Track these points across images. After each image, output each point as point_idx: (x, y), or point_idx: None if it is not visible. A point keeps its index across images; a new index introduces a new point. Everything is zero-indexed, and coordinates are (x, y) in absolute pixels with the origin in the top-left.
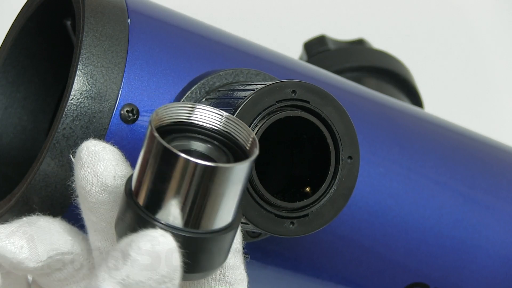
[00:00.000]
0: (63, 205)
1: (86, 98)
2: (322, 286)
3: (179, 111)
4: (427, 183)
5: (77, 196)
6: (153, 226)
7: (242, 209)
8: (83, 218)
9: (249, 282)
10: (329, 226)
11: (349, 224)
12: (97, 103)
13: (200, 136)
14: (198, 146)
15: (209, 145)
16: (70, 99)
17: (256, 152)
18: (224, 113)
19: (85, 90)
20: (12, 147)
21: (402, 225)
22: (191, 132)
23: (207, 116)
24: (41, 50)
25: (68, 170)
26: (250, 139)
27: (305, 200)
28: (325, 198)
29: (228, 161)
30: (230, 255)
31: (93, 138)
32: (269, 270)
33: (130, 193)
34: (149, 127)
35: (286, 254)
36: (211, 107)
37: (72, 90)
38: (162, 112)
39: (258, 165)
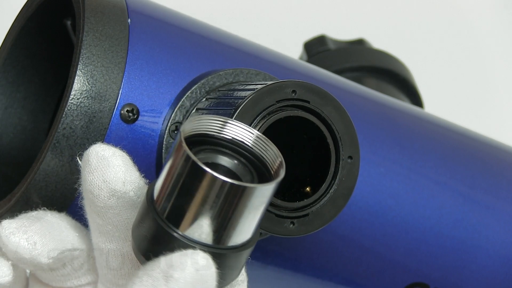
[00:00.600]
0: (63, 205)
1: (86, 98)
2: (322, 286)
3: (211, 124)
4: (427, 183)
5: (83, 199)
6: (193, 248)
7: None
8: (87, 219)
9: (249, 282)
10: (329, 226)
11: (349, 224)
12: (97, 103)
13: (227, 151)
14: (224, 161)
15: (235, 161)
16: (70, 99)
17: (283, 174)
18: (255, 131)
19: (85, 90)
20: (12, 147)
21: (402, 225)
22: (219, 146)
23: (238, 132)
24: (41, 50)
25: (68, 170)
26: (278, 161)
27: (305, 200)
28: (325, 198)
29: (252, 179)
30: None
31: (101, 142)
32: (269, 270)
33: (151, 202)
34: (179, 137)
35: (286, 254)
36: (243, 124)
37: (72, 90)
38: (194, 124)
39: None
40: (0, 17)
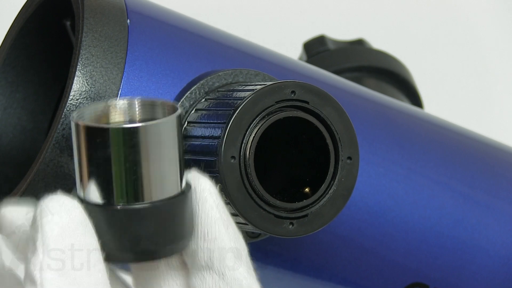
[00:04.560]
0: None
1: (85, 99)
2: (321, 287)
3: (96, 114)
4: (427, 183)
5: None
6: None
7: (241, 209)
8: None
9: None
10: (328, 226)
11: (348, 224)
12: None
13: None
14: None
15: None
16: (69, 99)
17: (179, 110)
18: (134, 100)
19: (85, 91)
20: (11, 148)
21: (402, 225)
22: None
23: (123, 110)
24: (41, 50)
25: (67, 171)
26: (166, 107)
27: (304, 200)
28: (325, 199)
29: None
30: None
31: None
32: (268, 270)
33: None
34: (74, 125)
35: (286, 254)
36: (124, 98)
37: (72, 90)
38: (79, 116)
39: (257, 165)
40: (0, 17)
